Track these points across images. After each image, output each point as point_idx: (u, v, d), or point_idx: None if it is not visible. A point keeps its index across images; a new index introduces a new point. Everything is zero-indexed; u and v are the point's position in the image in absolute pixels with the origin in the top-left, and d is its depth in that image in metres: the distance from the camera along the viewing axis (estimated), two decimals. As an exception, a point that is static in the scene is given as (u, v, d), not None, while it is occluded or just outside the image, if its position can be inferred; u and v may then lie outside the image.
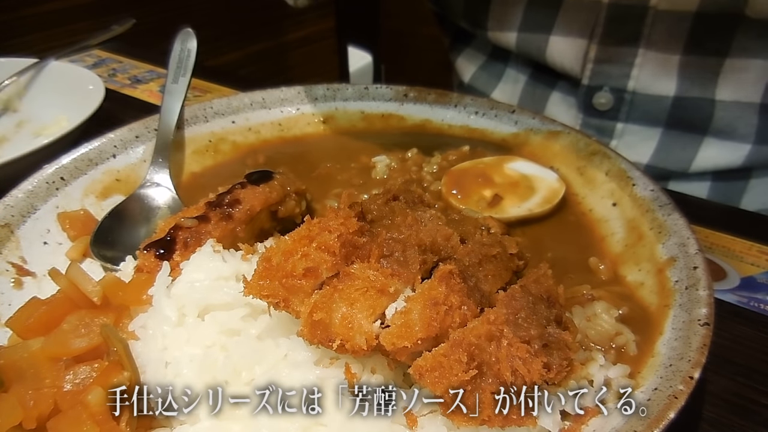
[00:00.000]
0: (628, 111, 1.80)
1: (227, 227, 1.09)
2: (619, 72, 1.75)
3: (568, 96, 1.89)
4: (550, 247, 1.21)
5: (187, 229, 1.06)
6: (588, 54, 1.76)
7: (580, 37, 1.78)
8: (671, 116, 1.75)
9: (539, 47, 1.86)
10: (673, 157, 1.79)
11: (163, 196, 1.31)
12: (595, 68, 1.77)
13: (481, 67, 2.12)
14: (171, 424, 0.86)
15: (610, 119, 1.82)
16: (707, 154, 1.76)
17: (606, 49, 1.74)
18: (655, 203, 1.18)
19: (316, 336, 0.81)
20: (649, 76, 1.73)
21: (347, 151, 1.51)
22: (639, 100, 1.76)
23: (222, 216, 1.10)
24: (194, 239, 1.05)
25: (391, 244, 0.89)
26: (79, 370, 0.85)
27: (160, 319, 0.93)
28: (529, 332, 0.84)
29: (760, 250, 1.33)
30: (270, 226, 1.20)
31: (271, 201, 1.18)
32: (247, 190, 1.16)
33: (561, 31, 1.81)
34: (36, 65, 1.85)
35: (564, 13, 1.79)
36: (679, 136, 1.78)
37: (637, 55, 1.71)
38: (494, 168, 1.38)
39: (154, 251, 1.03)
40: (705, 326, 0.90)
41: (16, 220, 1.16)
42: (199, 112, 1.50)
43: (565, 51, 1.81)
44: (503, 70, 2.04)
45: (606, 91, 1.79)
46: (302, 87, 1.61)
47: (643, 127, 1.80)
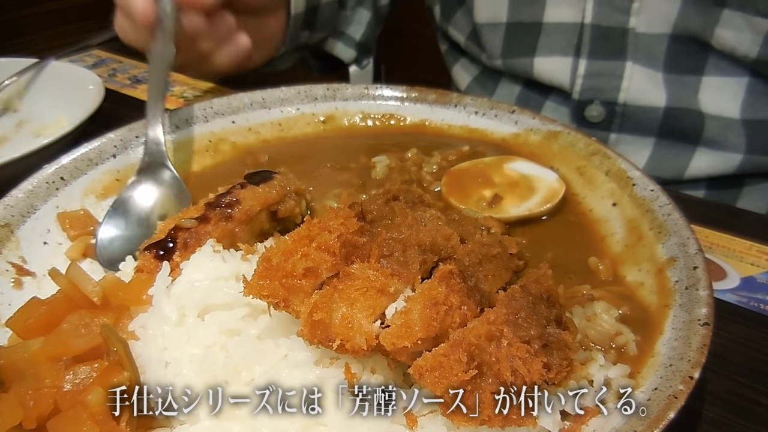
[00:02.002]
0: (621, 122, 1.80)
1: (227, 227, 1.09)
2: (610, 85, 1.76)
3: (561, 107, 1.90)
4: (550, 247, 1.21)
5: (186, 230, 1.06)
6: (577, 70, 1.78)
7: (566, 55, 1.80)
8: (663, 126, 1.76)
9: (525, 69, 1.88)
10: (667, 166, 1.79)
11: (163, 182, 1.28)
12: (585, 83, 1.78)
13: (476, 79, 2.14)
14: (171, 424, 0.86)
15: (603, 130, 1.83)
16: (700, 162, 1.77)
17: (595, 63, 1.75)
18: (655, 203, 1.18)
19: (316, 336, 0.81)
20: (639, 88, 1.74)
21: (347, 151, 1.51)
22: (630, 111, 1.77)
23: (222, 216, 1.10)
24: (194, 240, 1.05)
25: (391, 244, 0.89)
26: (79, 370, 0.85)
27: (160, 319, 0.93)
28: (529, 332, 0.84)
29: (760, 250, 1.33)
30: (270, 226, 1.20)
31: (271, 201, 1.18)
32: (246, 191, 1.16)
33: (545, 52, 1.83)
34: (36, 65, 1.85)
35: (545, 38, 1.81)
36: (671, 146, 1.79)
37: (626, 68, 1.73)
38: (494, 168, 1.38)
39: (154, 252, 1.03)
40: (705, 326, 0.90)
41: (16, 220, 1.16)
42: (199, 112, 1.50)
43: (552, 69, 1.83)
44: (497, 83, 2.06)
45: (597, 104, 1.80)
46: (302, 87, 1.61)
47: (636, 137, 1.81)
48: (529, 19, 1.82)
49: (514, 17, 1.84)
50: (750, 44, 1.57)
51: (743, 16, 1.55)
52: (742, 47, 1.58)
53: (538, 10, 1.80)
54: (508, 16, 1.85)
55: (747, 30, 1.56)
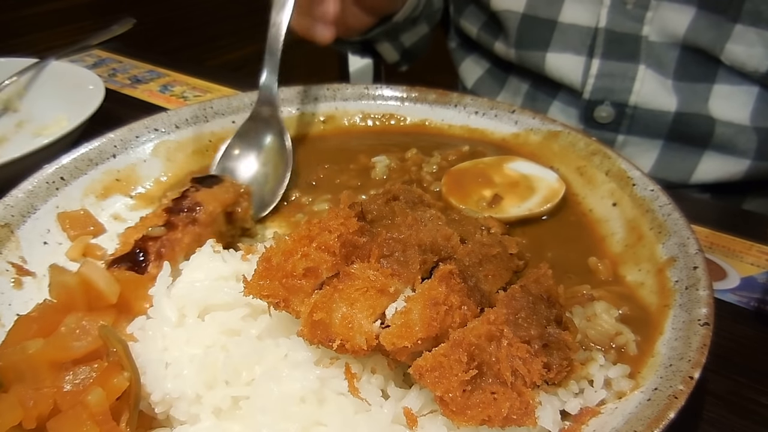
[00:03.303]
0: (630, 124, 1.80)
1: (195, 231, 1.08)
2: (621, 86, 1.76)
3: (569, 107, 1.89)
4: (550, 247, 1.21)
5: (156, 239, 1.04)
6: (590, 69, 1.78)
7: (579, 54, 1.80)
8: (672, 130, 1.76)
9: (537, 63, 1.88)
10: (673, 169, 1.79)
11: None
12: (597, 83, 1.78)
13: (484, 76, 2.13)
14: (171, 424, 0.87)
15: (611, 131, 1.82)
16: (707, 167, 1.77)
17: (608, 64, 1.75)
18: (655, 203, 1.18)
19: (316, 336, 0.81)
20: (650, 91, 1.74)
21: (347, 151, 1.51)
22: (640, 114, 1.77)
23: (188, 220, 1.09)
24: (168, 248, 1.04)
25: (391, 244, 0.89)
26: (78, 370, 0.84)
27: (160, 320, 0.93)
28: (529, 332, 0.84)
29: (760, 250, 1.33)
30: (226, 228, 1.20)
31: (228, 202, 1.17)
32: (202, 193, 1.15)
33: (558, 48, 1.83)
34: (36, 65, 1.85)
35: (559, 35, 1.81)
36: (679, 149, 1.78)
37: (639, 71, 1.73)
38: (494, 168, 1.38)
39: (126, 266, 1.01)
40: (705, 326, 0.90)
41: (16, 220, 1.16)
42: (199, 112, 1.50)
43: (564, 66, 1.83)
44: (505, 79, 2.05)
45: (607, 105, 1.79)
46: (302, 87, 1.61)
47: (644, 139, 1.81)
48: (546, 15, 1.82)
49: (531, 11, 1.84)
50: (761, 59, 1.58)
51: (756, 31, 1.55)
52: (753, 62, 1.59)
53: (555, 8, 1.81)
54: (525, 9, 1.85)
55: (759, 45, 1.56)
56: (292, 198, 1.36)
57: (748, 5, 1.54)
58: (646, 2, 1.67)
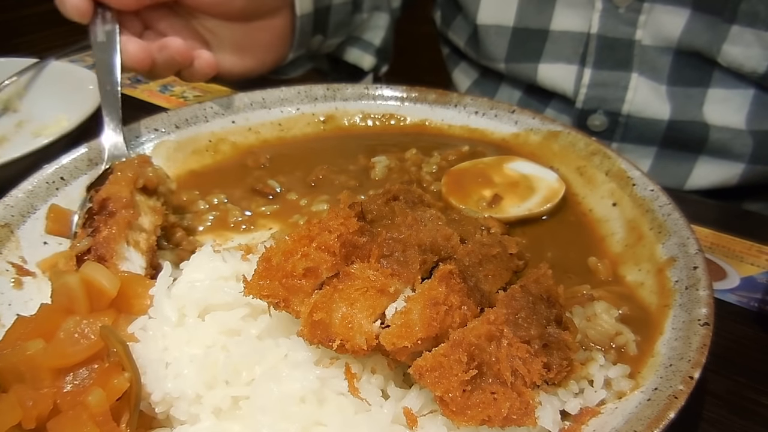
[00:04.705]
0: (623, 132, 1.80)
1: (121, 219, 1.06)
2: (614, 96, 1.75)
3: (562, 114, 1.89)
4: (550, 247, 1.21)
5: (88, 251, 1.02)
6: (582, 79, 1.78)
7: (571, 63, 1.79)
8: (666, 137, 1.75)
9: (529, 74, 1.87)
10: (668, 175, 1.78)
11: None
12: (589, 92, 1.78)
13: (475, 83, 2.12)
14: (171, 424, 0.87)
15: (605, 138, 1.81)
16: (702, 172, 1.76)
17: (600, 73, 1.75)
18: (655, 203, 1.18)
19: (316, 336, 0.81)
20: (643, 100, 1.73)
21: (347, 151, 1.51)
22: (634, 122, 1.76)
23: (106, 217, 1.06)
24: (104, 248, 1.01)
25: (391, 244, 0.89)
26: (79, 371, 0.84)
27: (160, 320, 0.93)
28: (529, 332, 0.84)
29: (760, 250, 1.33)
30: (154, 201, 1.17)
31: (131, 180, 1.13)
32: (102, 190, 1.12)
33: (550, 58, 1.82)
34: (36, 65, 1.85)
35: (551, 44, 1.81)
36: (673, 155, 1.78)
37: (631, 79, 1.72)
38: (494, 168, 1.38)
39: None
40: (705, 326, 0.90)
41: (16, 220, 1.16)
42: (199, 112, 1.50)
43: (556, 76, 1.83)
44: (497, 86, 2.05)
45: (600, 114, 1.79)
46: (302, 87, 1.61)
47: (638, 146, 1.81)
48: (536, 25, 1.81)
49: (521, 23, 1.83)
50: (758, 60, 1.56)
51: (753, 32, 1.54)
52: (750, 63, 1.57)
53: (546, 17, 1.79)
54: (516, 21, 1.84)
55: (756, 46, 1.55)
56: (292, 198, 1.36)
57: (744, 6, 1.53)
58: (639, 5, 1.66)
